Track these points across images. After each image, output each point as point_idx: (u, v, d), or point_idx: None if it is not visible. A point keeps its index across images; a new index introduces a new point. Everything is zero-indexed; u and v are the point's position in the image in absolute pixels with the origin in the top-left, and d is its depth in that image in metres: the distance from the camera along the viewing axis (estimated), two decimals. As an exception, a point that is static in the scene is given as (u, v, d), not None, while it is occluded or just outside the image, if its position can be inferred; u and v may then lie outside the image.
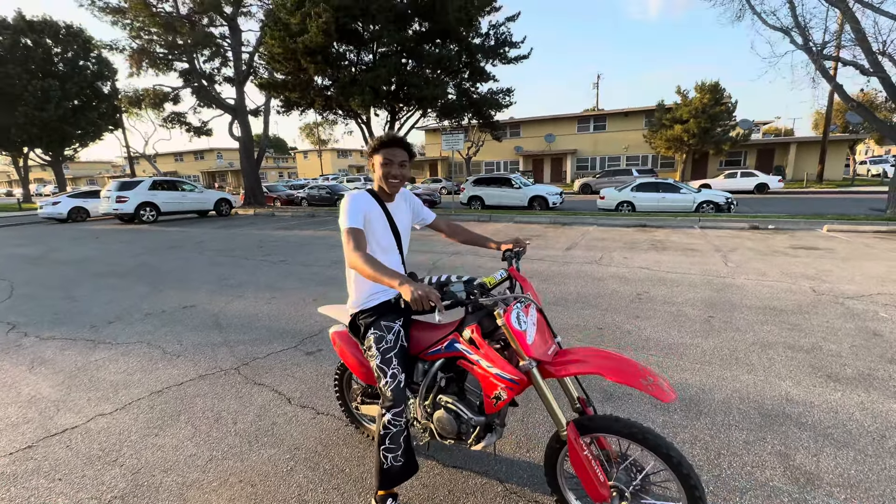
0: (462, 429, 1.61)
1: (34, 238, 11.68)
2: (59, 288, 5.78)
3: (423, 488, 1.89)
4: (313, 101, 15.81)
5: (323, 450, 2.17)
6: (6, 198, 47.32)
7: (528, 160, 35.81)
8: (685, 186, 13.45)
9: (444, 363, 1.65)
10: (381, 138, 1.67)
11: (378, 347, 1.63)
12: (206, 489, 1.92)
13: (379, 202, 1.74)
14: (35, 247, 9.92)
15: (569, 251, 7.27)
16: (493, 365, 1.44)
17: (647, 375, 1.32)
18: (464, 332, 1.54)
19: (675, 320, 3.84)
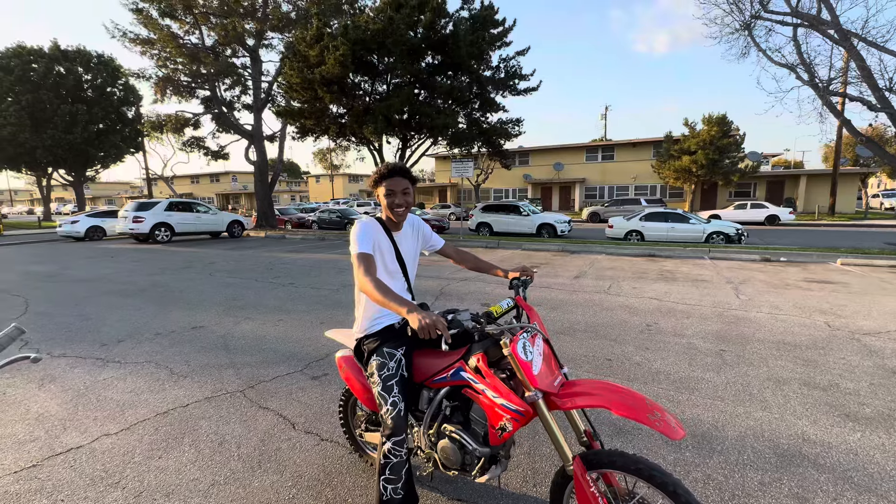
0: (466, 460, 1.58)
1: (51, 256, 11.95)
2: (72, 305, 5.87)
3: None
4: (328, 128, 16.30)
5: (325, 478, 2.14)
6: (27, 216, 48.74)
7: (537, 188, 36.15)
8: (694, 217, 13.43)
9: (450, 391, 1.63)
10: (381, 171, 1.72)
11: (380, 374, 1.63)
12: (207, 515, 1.89)
13: (386, 231, 1.79)
14: (51, 264, 10.14)
15: (577, 280, 7.24)
16: (498, 395, 1.42)
17: (654, 410, 1.29)
18: (469, 360, 1.52)
19: (686, 353, 3.77)
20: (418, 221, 1.96)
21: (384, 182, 1.71)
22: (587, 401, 1.36)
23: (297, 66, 14.62)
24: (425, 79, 15.44)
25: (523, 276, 1.84)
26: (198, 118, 21.05)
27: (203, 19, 18.57)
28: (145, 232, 14.71)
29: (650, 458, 2.15)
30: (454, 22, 14.88)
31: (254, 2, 18.65)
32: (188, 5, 17.75)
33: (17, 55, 25.55)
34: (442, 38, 14.56)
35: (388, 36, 13.70)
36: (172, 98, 19.79)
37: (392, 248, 1.79)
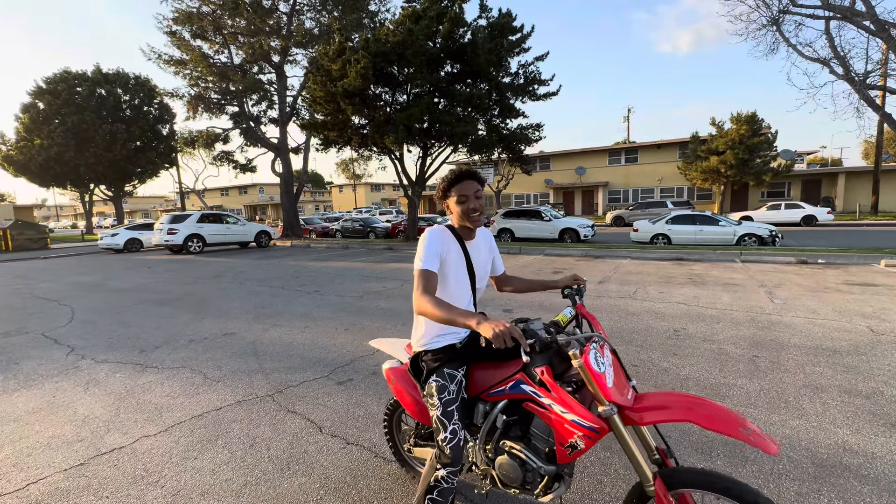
0: (528, 477, 1.48)
1: (93, 267, 12.63)
2: (113, 313, 6.19)
3: (450, 525, 1.85)
4: (350, 139, 16.67)
5: (352, 480, 2.18)
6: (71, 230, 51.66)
7: (559, 192, 35.79)
8: (724, 219, 13.00)
9: (507, 405, 1.53)
10: (449, 178, 1.63)
11: (440, 397, 1.54)
12: (240, 514, 1.96)
13: (458, 240, 1.67)
14: (94, 275, 10.72)
15: (601, 284, 7.12)
16: (568, 411, 1.31)
17: (745, 424, 1.18)
18: (531, 372, 1.42)
19: (717, 359, 3.66)
20: (489, 233, 1.86)
21: (453, 189, 1.61)
22: (668, 415, 1.25)
23: (320, 80, 15.06)
24: (445, 87, 15.62)
25: (575, 284, 1.77)
26: (227, 133, 21.93)
27: (231, 39, 19.42)
28: (179, 243, 15.36)
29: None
30: (472, 30, 15.02)
31: (279, 20, 19.38)
32: (218, 26, 18.62)
33: (63, 80, 27.35)
34: (460, 46, 14.73)
35: (407, 47, 13.97)
36: (203, 115, 20.71)
37: (463, 257, 1.66)
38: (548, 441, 1.43)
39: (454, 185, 1.61)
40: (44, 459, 2.47)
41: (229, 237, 16.92)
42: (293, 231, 21.10)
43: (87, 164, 27.01)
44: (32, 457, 2.51)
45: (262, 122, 21.83)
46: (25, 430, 2.84)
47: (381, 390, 3.23)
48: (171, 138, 29.19)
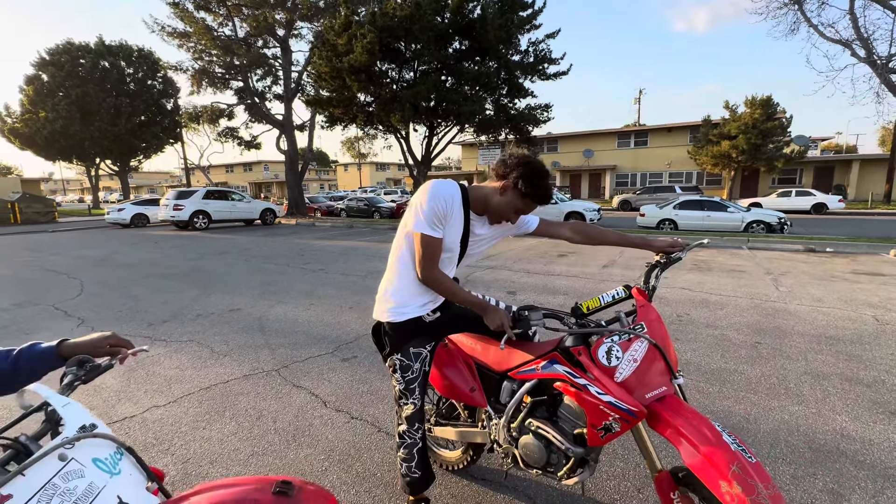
0: (552, 459, 1.47)
1: (100, 241, 12.75)
2: (121, 287, 6.28)
3: (451, 498, 1.91)
4: (356, 116, 16.47)
5: (356, 453, 2.24)
6: (78, 204, 51.93)
7: (566, 175, 35.39)
8: (733, 205, 12.85)
9: (536, 384, 1.50)
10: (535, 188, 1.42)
11: (403, 375, 1.58)
12: (248, 482, 2.03)
13: (466, 207, 1.50)
14: (101, 249, 10.83)
15: (606, 269, 7.11)
16: (605, 392, 1.27)
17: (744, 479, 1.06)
18: (568, 351, 1.40)
19: (719, 345, 3.67)
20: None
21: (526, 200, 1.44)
22: (671, 433, 1.24)
23: (325, 55, 14.78)
24: (452, 65, 15.29)
25: (672, 250, 1.56)
26: (231, 109, 21.72)
27: (235, 11, 19.01)
28: (185, 219, 15.43)
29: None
30: (482, 5, 14.60)
31: (284, -8, 18.90)
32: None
33: (66, 51, 27.04)
34: (469, 22, 14.34)
35: (414, 22, 13.62)
36: (208, 90, 20.47)
37: (462, 227, 1.51)
38: (576, 423, 1.42)
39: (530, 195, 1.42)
40: (58, 426, 2.55)
41: (234, 214, 16.96)
42: (298, 209, 21.10)
43: (92, 137, 26.95)
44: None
45: (267, 98, 21.57)
46: (39, 397, 2.92)
47: (384, 368, 3.28)
48: (176, 113, 28.96)
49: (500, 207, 1.48)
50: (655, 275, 1.56)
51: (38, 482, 0.72)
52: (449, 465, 2.04)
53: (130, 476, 0.87)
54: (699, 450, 1.15)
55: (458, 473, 2.06)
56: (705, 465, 1.12)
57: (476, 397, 1.68)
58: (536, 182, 1.41)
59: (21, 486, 0.70)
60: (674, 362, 1.36)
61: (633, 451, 2.19)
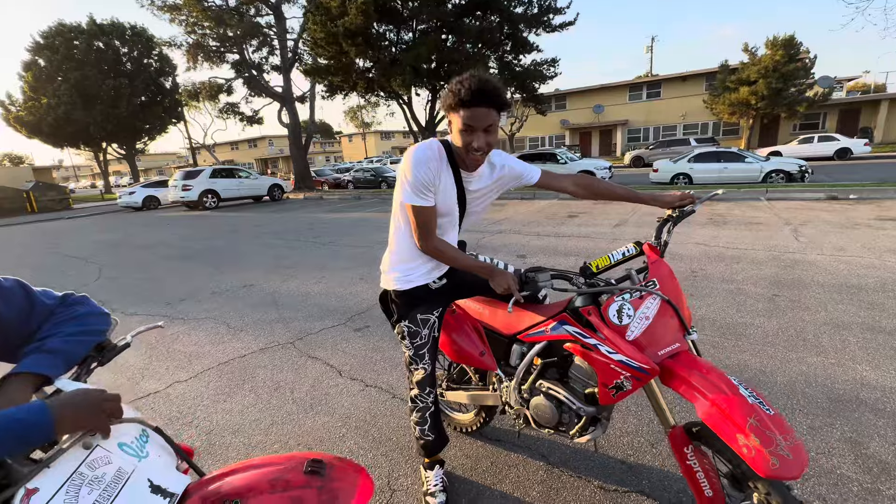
0: (564, 418, 1.49)
1: (115, 225, 12.96)
2: (137, 269, 6.41)
3: (465, 458, 1.95)
4: (355, 83, 16.01)
5: (371, 419, 2.29)
6: (91, 189, 52.64)
7: (575, 134, 34.32)
8: (751, 155, 12.35)
9: (546, 346, 1.50)
10: (462, 88, 1.23)
11: (412, 342, 1.58)
12: (269, 450, 2.10)
13: (453, 165, 1.39)
14: (116, 233, 11.02)
15: (618, 227, 6.98)
16: (616, 351, 1.26)
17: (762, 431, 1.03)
18: (577, 312, 1.38)
19: (734, 299, 3.60)
20: (501, 159, 1.52)
21: (463, 110, 1.25)
22: (685, 389, 1.21)
23: (319, 20, 14.21)
24: (452, 22, 14.58)
25: (681, 203, 1.48)
26: (230, 83, 21.28)
27: (224, -22, 18.22)
28: (194, 199, 15.52)
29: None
30: (481, -46, 13.72)
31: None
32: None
33: (59, 33, 26.53)
34: (468, -27, 13.55)
35: (411, -23, 12.91)
36: (204, 64, 20.01)
37: (455, 187, 1.41)
38: (587, 382, 1.42)
39: (467, 105, 1.24)
40: (87, 404, 2.66)
41: (242, 191, 16.98)
42: (305, 183, 21.01)
43: (96, 122, 26.87)
44: (77, 401, 2.70)
45: (265, 70, 21.03)
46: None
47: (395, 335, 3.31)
48: (175, 92, 28.56)
49: (457, 145, 1.33)
50: (667, 229, 1.48)
51: (64, 473, 0.71)
52: (462, 427, 2.07)
53: (159, 458, 0.87)
54: (715, 404, 1.12)
55: (472, 435, 2.09)
56: (721, 419, 1.09)
57: (486, 361, 1.68)
58: (458, 86, 1.24)
59: (47, 478, 0.69)
60: (687, 318, 1.32)
61: (645, 408, 2.19)
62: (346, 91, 16.84)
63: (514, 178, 1.57)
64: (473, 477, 1.84)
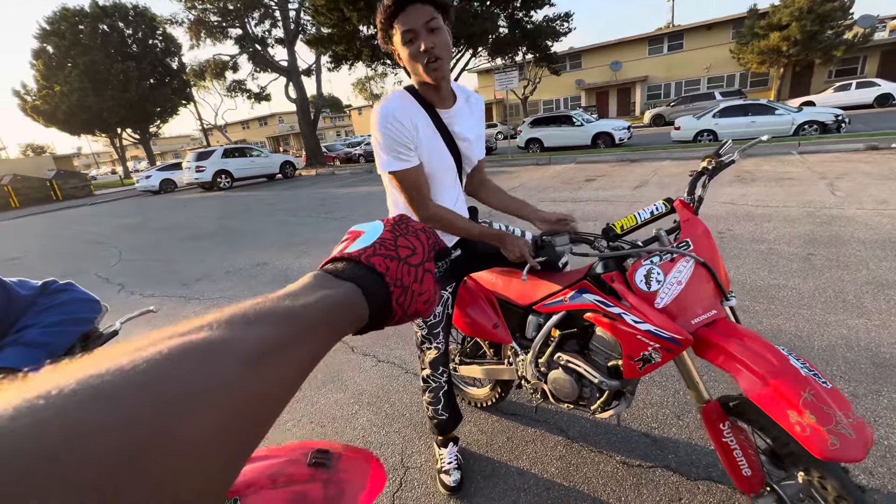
0: (584, 393, 1.40)
1: (134, 209, 13.19)
2: (155, 251, 6.50)
3: (481, 434, 1.89)
4: (360, 52, 15.50)
5: (384, 395, 2.25)
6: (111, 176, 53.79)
7: (592, 94, 32.88)
8: (781, 106, 11.55)
9: (564, 316, 1.39)
10: (387, 7, 1.10)
11: (425, 321, 1.49)
12: (282, 428, 2.08)
13: (427, 107, 1.22)
14: (135, 217, 11.21)
15: (638, 189, 6.67)
16: (643, 320, 1.14)
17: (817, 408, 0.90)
18: (599, 279, 1.26)
19: (766, 260, 3.38)
20: (474, 95, 1.37)
21: (396, 23, 1.10)
22: (724, 361, 1.08)
23: (320, -14, 13.65)
24: (458, -21, 13.80)
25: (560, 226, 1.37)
26: (235, 60, 20.98)
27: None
28: (208, 180, 15.61)
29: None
30: None
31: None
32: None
33: (64, 18, 26.37)
34: (473, -77, 12.67)
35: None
36: (207, 41, 19.69)
37: (437, 132, 1.24)
38: (611, 355, 1.31)
39: (396, 13, 1.09)
40: (108, 385, 2.70)
41: (255, 170, 16.98)
42: (316, 159, 20.88)
43: (108, 107, 27.03)
44: (99, 383, 2.75)
45: (269, 43, 20.57)
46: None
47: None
48: (182, 72, 28.36)
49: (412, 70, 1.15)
50: (702, 183, 1.32)
51: None
52: (477, 402, 2.00)
53: None
54: (761, 377, 0.99)
55: (487, 410, 2.02)
56: (770, 394, 0.96)
57: (500, 334, 1.57)
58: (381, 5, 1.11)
59: None
60: (725, 282, 1.18)
61: (671, 378, 2.08)
62: (351, 60, 16.35)
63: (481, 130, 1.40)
64: (489, 453, 1.78)
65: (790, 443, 1.04)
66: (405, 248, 0.38)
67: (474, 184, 1.55)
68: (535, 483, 1.61)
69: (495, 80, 12.98)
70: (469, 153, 1.35)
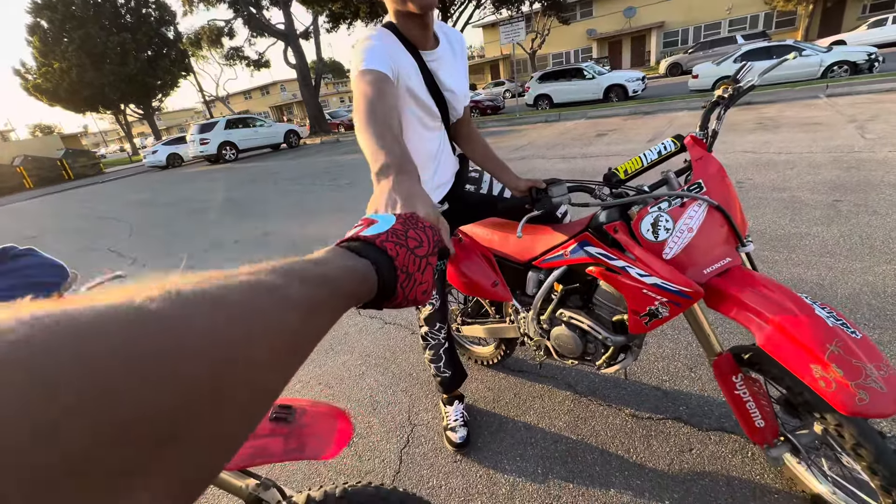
0: (589, 348, 1.35)
1: (143, 185, 13.24)
2: (164, 225, 6.54)
3: (487, 391, 1.87)
4: (357, 9, 14.80)
5: (391, 356, 2.24)
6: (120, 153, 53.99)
7: (604, 44, 31.19)
8: (809, 46, 10.77)
9: (566, 271, 1.31)
10: None
11: None
12: (292, 390, 2.10)
13: (410, 48, 1.08)
14: (144, 193, 11.26)
15: (652, 142, 6.37)
16: (649, 273, 1.05)
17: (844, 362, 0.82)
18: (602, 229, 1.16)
19: (787, 208, 3.22)
20: (455, 32, 1.24)
21: None
22: (738, 312, 0.99)
23: (312, -62, 12.85)
24: (458, -79, 12.85)
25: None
26: (230, 25, 20.29)
27: None
28: (213, 152, 15.50)
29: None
30: None
31: None
32: None
33: (54, -10, 25.58)
34: None
35: None
36: (200, 6, 18.98)
37: (420, 76, 1.11)
38: (615, 309, 1.24)
39: None
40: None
41: (259, 140, 16.78)
42: (320, 126, 20.50)
43: (109, 82, 26.68)
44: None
45: (264, 5, 19.74)
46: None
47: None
48: (179, 41, 27.62)
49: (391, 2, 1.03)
50: (717, 115, 1.17)
51: None
52: (483, 360, 1.98)
53: None
54: (780, 328, 0.90)
55: (493, 367, 2.00)
56: (789, 346, 0.88)
57: (499, 292, 1.50)
58: None
59: None
60: (741, 226, 1.07)
61: (682, 330, 2.01)
62: (349, 19, 15.67)
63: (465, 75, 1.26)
64: (496, 409, 1.76)
65: (804, 391, 0.98)
66: (414, 239, 0.42)
67: (462, 135, 1.42)
68: (543, 437, 1.59)
69: (501, 33, 12.31)
70: (455, 103, 1.24)
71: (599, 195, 1.15)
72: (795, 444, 1.14)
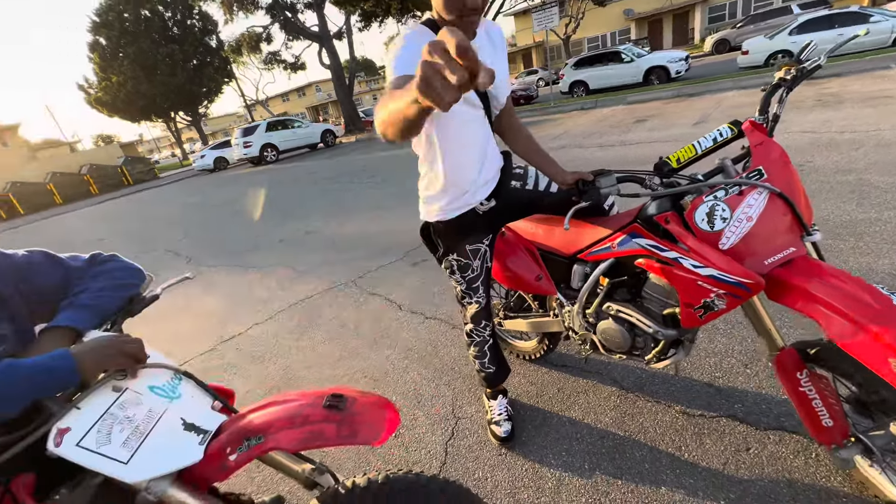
0: (638, 343, 1.32)
1: (193, 188, 14.06)
2: (215, 226, 6.93)
3: (530, 386, 1.88)
4: (388, 6, 14.92)
5: (433, 350, 2.29)
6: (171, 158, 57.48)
7: (643, 24, 29.73)
8: (878, 12, 9.80)
9: (613, 264, 1.29)
10: None
11: (462, 275, 1.43)
12: (338, 382, 2.19)
13: None
14: (195, 196, 11.96)
15: (698, 126, 6.05)
16: (706, 264, 1.01)
17: None
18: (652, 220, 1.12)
19: (853, 192, 2.97)
20: (494, 25, 1.26)
21: None
22: (805, 304, 0.94)
23: (343, -61, 13.05)
24: None
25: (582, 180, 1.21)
26: (268, 30, 21.01)
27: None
28: (256, 154, 16.19)
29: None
30: None
31: None
32: None
33: (110, 9, 27.49)
34: None
35: None
36: (239, 14, 19.77)
37: None
38: (666, 302, 1.21)
39: None
40: (187, 346, 2.98)
41: (297, 141, 17.35)
42: (355, 125, 20.92)
43: (160, 92, 28.44)
44: (179, 345, 3.04)
45: (299, 9, 20.29)
46: (172, 324, 3.43)
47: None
48: (221, 49, 28.97)
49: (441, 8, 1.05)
50: (779, 98, 1.11)
51: (95, 413, 0.76)
52: (526, 354, 1.98)
53: (193, 398, 0.91)
54: (855, 322, 0.85)
55: (537, 362, 2.00)
56: (866, 342, 0.83)
57: (543, 286, 1.50)
58: None
59: (79, 419, 0.74)
60: (806, 214, 1.01)
61: (736, 324, 1.93)
62: (380, 17, 15.83)
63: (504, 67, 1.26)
64: (540, 404, 1.77)
65: (881, 389, 0.92)
66: None
67: (503, 126, 1.43)
68: (588, 432, 1.58)
69: (534, 20, 12.02)
70: (497, 93, 1.26)
71: (650, 185, 1.12)
72: (868, 446, 1.07)
